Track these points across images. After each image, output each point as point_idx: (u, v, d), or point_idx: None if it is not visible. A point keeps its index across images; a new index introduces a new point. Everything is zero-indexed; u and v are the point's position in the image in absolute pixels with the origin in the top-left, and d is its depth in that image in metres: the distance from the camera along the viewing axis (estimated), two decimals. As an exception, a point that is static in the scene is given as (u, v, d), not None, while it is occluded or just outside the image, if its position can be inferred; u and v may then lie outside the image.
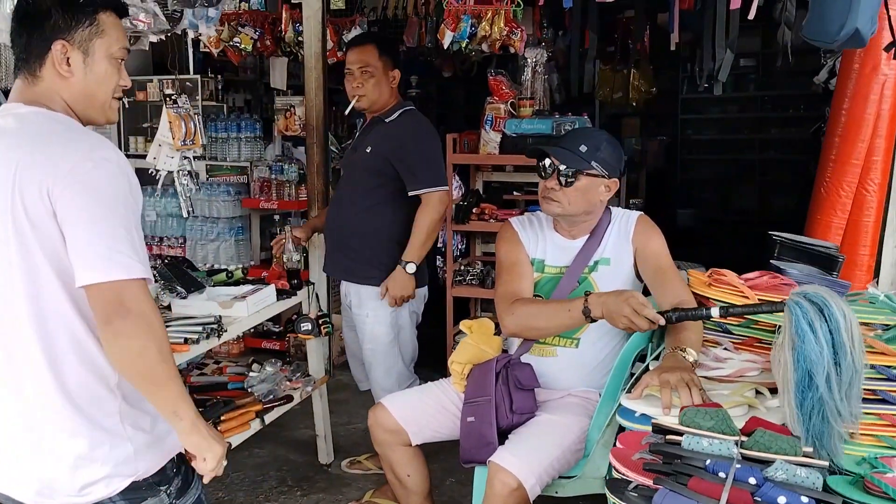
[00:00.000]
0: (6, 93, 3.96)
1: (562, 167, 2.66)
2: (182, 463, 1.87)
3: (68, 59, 1.74)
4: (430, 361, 3.87)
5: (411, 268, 3.43)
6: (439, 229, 3.57)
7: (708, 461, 1.66)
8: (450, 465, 3.73)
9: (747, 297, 2.42)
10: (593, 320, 2.47)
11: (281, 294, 3.42)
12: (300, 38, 4.96)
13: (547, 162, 2.72)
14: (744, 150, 10.78)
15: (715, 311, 2.22)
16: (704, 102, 10.61)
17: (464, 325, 2.93)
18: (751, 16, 2.93)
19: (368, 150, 3.50)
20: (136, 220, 1.68)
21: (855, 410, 1.78)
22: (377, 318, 3.53)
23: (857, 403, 1.79)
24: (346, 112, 3.56)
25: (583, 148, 2.66)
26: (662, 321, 2.31)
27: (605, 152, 2.68)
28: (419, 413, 2.83)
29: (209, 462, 1.79)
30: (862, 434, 1.92)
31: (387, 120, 3.52)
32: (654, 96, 7.43)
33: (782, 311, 1.91)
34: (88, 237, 1.59)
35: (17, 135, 1.68)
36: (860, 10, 2.35)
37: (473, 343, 2.84)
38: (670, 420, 1.91)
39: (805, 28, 2.55)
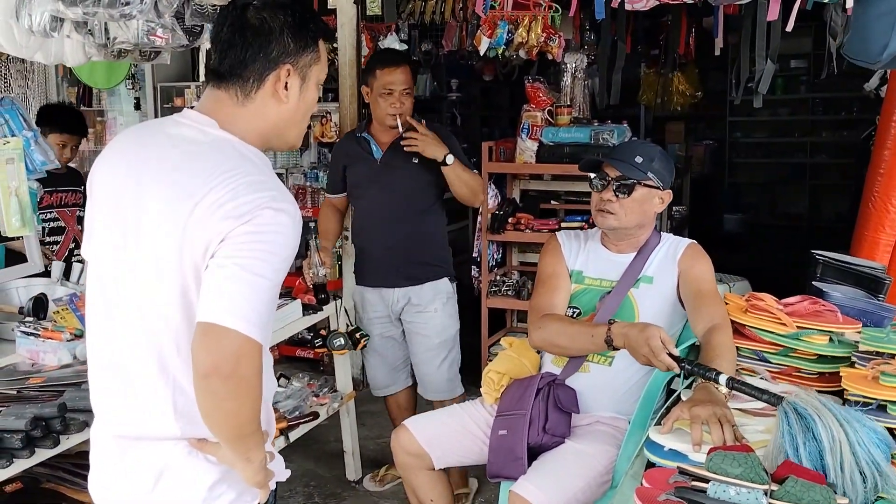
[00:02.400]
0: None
1: (622, 179, 2.65)
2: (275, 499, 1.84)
3: (287, 83, 1.69)
4: (465, 373, 3.79)
5: (450, 159, 3.44)
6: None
7: (735, 512, 1.56)
8: (480, 485, 3.66)
9: (785, 325, 2.33)
10: (616, 348, 2.43)
11: (307, 309, 3.37)
12: (335, 45, 4.89)
13: (593, 175, 2.71)
14: (794, 153, 10.50)
15: (723, 379, 2.12)
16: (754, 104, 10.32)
17: (505, 341, 2.93)
18: (789, 27, 2.81)
19: (416, 161, 3.49)
20: (281, 281, 1.60)
21: None
22: (444, 311, 3.62)
23: None
24: (402, 134, 3.45)
25: (638, 159, 2.67)
26: (677, 370, 2.24)
27: (659, 164, 2.69)
28: (444, 436, 2.75)
29: (262, 497, 1.76)
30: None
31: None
32: (701, 99, 7.25)
33: (777, 406, 1.86)
34: (234, 281, 1.50)
35: (205, 159, 1.61)
36: (904, 29, 2.21)
37: (516, 356, 2.81)
38: (698, 458, 1.82)
39: (846, 47, 2.43)
